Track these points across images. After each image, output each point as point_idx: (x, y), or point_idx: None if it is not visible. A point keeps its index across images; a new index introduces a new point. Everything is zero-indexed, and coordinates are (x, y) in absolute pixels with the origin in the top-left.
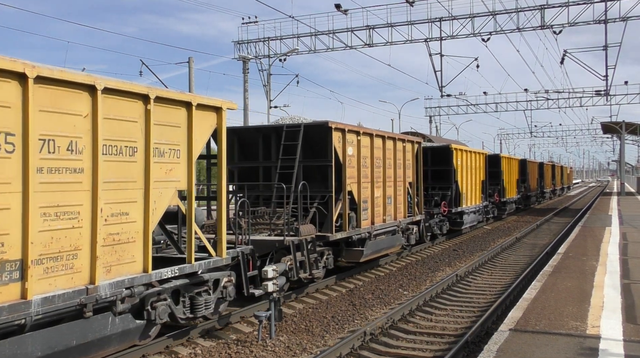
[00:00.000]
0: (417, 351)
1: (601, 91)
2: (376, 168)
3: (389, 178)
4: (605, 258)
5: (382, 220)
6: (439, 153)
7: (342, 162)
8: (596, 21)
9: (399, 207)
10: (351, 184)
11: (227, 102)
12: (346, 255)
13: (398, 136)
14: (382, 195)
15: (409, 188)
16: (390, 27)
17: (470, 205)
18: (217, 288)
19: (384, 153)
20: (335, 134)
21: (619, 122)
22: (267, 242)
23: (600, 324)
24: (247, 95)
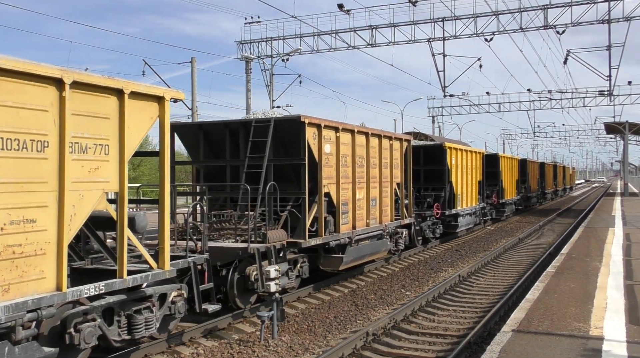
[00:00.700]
0: (419, 352)
1: (604, 91)
2: (358, 167)
3: (373, 178)
4: (609, 259)
5: (365, 224)
6: (432, 152)
7: (317, 161)
8: (599, 21)
9: (385, 209)
10: (329, 185)
11: (171, 91)
12: (324, 263)
13: (384, 133)
14: (366, 196)
15: (396, 189)
16: (392, 27)
17: (466, 207)
18: (164, 304)
19: (367, 151)
20: (309, 130)
21: (622, 122)
22: (229, 250)
23: (604, 325)
24: (249, 95)
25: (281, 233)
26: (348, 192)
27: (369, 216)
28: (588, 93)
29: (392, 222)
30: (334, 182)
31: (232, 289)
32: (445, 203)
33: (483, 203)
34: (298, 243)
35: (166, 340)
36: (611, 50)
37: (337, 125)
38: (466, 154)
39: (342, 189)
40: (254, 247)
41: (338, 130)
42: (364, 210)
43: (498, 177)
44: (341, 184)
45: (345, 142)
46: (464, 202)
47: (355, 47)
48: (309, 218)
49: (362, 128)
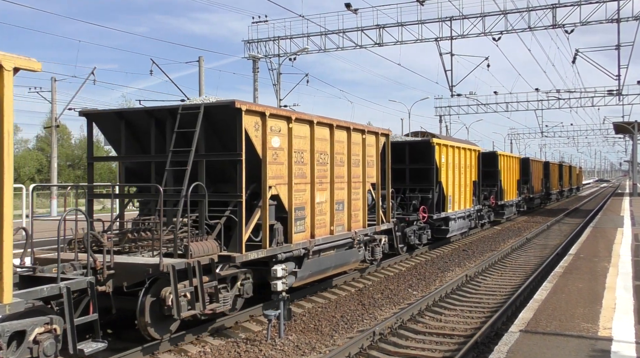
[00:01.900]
0: (426, 351)
1: (613, 91)
2: (319, 165)
3: (339, 178)
4: (617, 259)
5: (328, 231)
6: (418, 148)
7: (261, 157)
8: (609, 20)
9: (355, 214)
10: (277, 186)
11: (12, 57)
12: None
13: (354, 126)
14: (330, 199)
15: (371, 190)
16: (400, 26)
17: (458, 209)
18: (21, 346)
19: (332, 146)
20: (248, 119)
21: (631, 122)
22: (136, 267)
23: (612, 326)
24: (257, 94)
25: (210, 246)
26: (305, 195)
27: (333, 222)
28: (597, 92)
29: (365, 228)
30: (285, 183)
31: (142, 316)
32: (432, 205)
33: (479, 206)
34: (232, 257)
35: (168, 341)
36: (620, 49)
37: (288, 114)
38: (459, 151)
39: (296, 191)
40: (168, 264)
41: (290, 121)
42: (327, 215)
43: (497, 177)
44: (295, 185)
45: (301, 135)
46: (455, 204)
47: (363, 46)
48: (249, 227)
49: (325, 119)
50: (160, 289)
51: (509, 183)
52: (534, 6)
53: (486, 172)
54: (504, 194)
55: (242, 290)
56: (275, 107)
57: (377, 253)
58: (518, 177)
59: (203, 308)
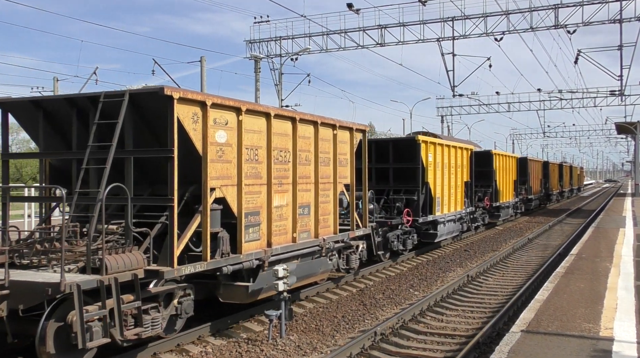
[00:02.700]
0: (427, 351)
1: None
2: (278, 164)
3: (304, 178)
4: (619, 259)
5: (290, 239)
6: (403, 146)
7: (201, 154)
8: (611, 21)
9: (325, 218)
10: (224, 188)
11: None
12: (224, 294)
13: (323, 120)
14: (291, 202)
15: (344, 192)
16: (402, 26)
17: (448, 212)
18: None
19: (295, 143)
20: (182, 109)
21: (634, 122)
22: (32, 287)
23: (614, 326)
24: (258, 94)
25: (135, 259)
26: (259, 197)
27: (296, 228)
28: (599, 93)
29: (336, 234)
30: (233, 184)
31: (43, 345)
32: (418, 208)
33: (471, 208)
34: (160, 272)
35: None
36: (622, 50)
37: (237, 104)
38: (448, 149)
39: (247, 193)
40: (71, 283)
41: (240, 112)
42: (289, 220)
43: (491, 177)
44: (246, 186)
45: (254, 129)
46: (444, 206)
47: (365, 46)
48: (185, 235)
49: (285, 111)
50: (67, 312)
51: (505, 184)
52: (536, 6)
53: (480, 172)
54: (499, 195)
55: (179, 308)
56: (220, 96)
57: (352, 262)
58: (515, 177)
59: (121, 335)
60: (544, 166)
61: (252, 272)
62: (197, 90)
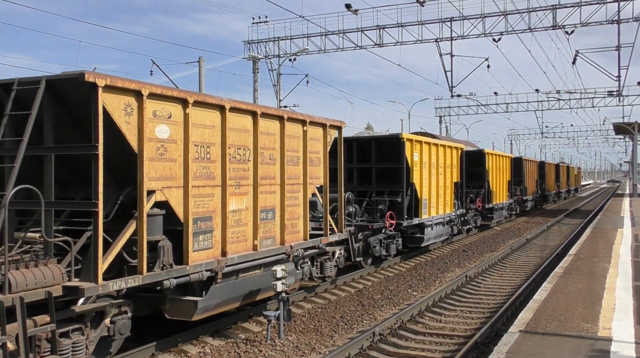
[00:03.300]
0: (426, 352)
1: (613, 92)
2: (236, 163)
3: (267, 179)
4: (617, 260)
5: (250, 246)
6: (386, 145)
7: (136, 151)
8: (609, 21)
9: (293, 223)
10: (166, 190)
11: None
12: (170, 310)
13: (290, 115)
14: (252, 206)
15: (317, 194)
16: (400, 27)
17: (436, 214)
18: None
19: (256, 140)
20: (111, 99)
21: (631, 122)
22: None
23: (612, 326)
24: (257, 95)
25: (50, 274)
26: (212, 201)
27: (257, 235)
28: (597, 93)
29: (306, 240)
30: (178, 185)
31: None
32: (403, 210)
33: (462, 210)
34: (81, 289)
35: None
36: (620, 50)
37: (183, 95)
38: (436, 148)
39: (196, 196)
40: None
41: (187, 104)
42: (249, 226)
43: (484, 177)
44: (194, 188)
45: (206, 124)
46: (432, 208)
47: (363, 47)
48: (116, 245)
49: (244, 104)
50: None
51: (498, 185)
52: (534, 7)
53: (472, 172)
54: (492, 197)
55: (113, 329)
56: (161, 85)
57: (327, 269)
58: (509, 177)
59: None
60: (539, 166)
61: (203, 285)
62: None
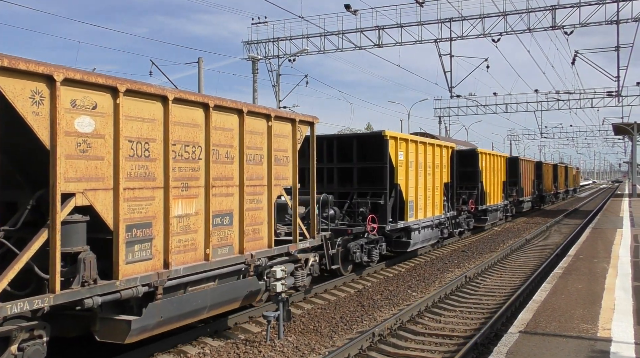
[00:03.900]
0: (425, 352)
1: (613, 92)
2: (184, 162)
3: (224, 180)
4: (617, 260)
5: (200, 256)
6: (369, 143)
7: (48, 147)
8: (608, 22)
9: (255, 229)
10: (90, 193)
11: None
12: (101, 331)
13: (251, 108)
14: (204, 210)
15: (284, 196)
16: (399, 27)
17: (424, 217)
18: None
19: (208, 136)
20: (11, 84)
21: (630, 123)
22: None
23: (612, 327)
24: (256, 96)
25: None
26: (152, 205)
27: (209, 243)
28: (596, 94)
29: (271, 248)
30: (107, 187)
31: None
32: (386, 213)
33: (452, 212)
34: None
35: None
36: (619, 51)
37: (111, 82)
38: (424, 147)
39: (130, 200)
40: None
41: (117, 93)
42: (199, 233)
43: (477, 178)
44: (128, 191)
45: (142, 117)
46: (420, 211)
47: (362, 47)
48: (22, 258)
49: (194, 95)
50: None
51: (492, 186)
52: (533, 7)
53: (465, 172)
54: (486, 198)
55: (21, 357)
56: (83, 70)
57: (299, 279)
58: (504, 178)
59: None
60: (536, 166)
61: (141, 301)
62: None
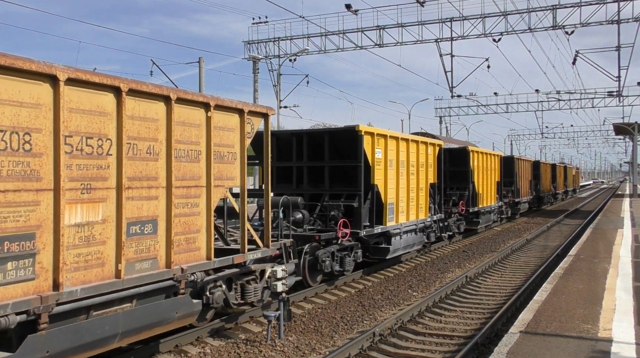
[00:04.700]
0: (426, 352)
1: (613, 92)
2: (84, 158)
3: (143, 180)
4: (617, 260)
5: (109, 273)
6: (341, 140)
7: None
8: (609, 21)
9: (188, 239)
10: None
11: None
12: None
13: (181, 95)
14: (114, 217)
15: (229, 199)
16: (400, 27)
17: (406, 221)
18: None
19: (120, 126)
20: None
21: (631, 123)
22: None
23: (612, 327)
24: (257, 96)
25: None
26: (35, 211)
27: (122, 256)
28: (597, 94)
29: (210, 260)
30: None
31: None
32: (360, 217)
33: (440, 214)
34: None
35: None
36: (620, 51)
37: None
38: (406, 144)
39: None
40: None
41: None
42: (108, 244)
43: (468, 178)
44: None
45: (19, 101)
46: (400, 214)
47: (363, 47)
48: None
49: (98, 75)
50: None
51: (485, 186)
52: (534, 7)
53: (455, 172)
54: (478, 199)
55: None
56: None
57: (250, 294)
58: (498, 178)
59: None
60: (534, 166)
61: (27, 333)
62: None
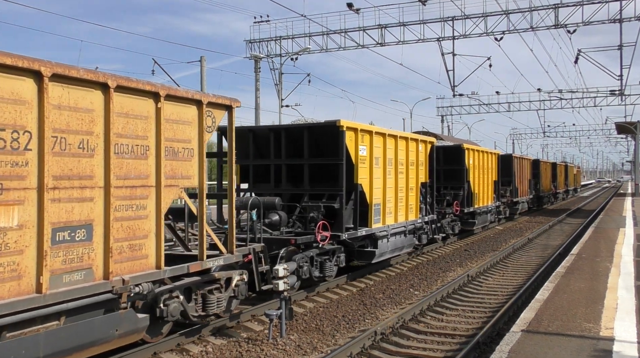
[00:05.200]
0: (427, 351)
1: (616, 91)
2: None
3: (74, 179)
4: (619, 259)
5: (28, 287)
6: (322, 136)
7: None
8: (611, 20)
9: (132, 246)
10: None
11: None
12: None
13: (123, 82)
14: (35, 221)
15: (185, 200)
16: (402, 26)
17: (395, 222)
18: None
19: (42, 117)
20: None
21: (633, 122)
22: None
23: (614, 326)
24: (258, 94)
25: None
26: None
27: (43, 268)
28: (599, 93)
29: (160, 269)
30: None
31: None
32: (343, 219)
33: (432, 215)
34: None
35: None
36: (622, 49)
37: None
38: (394, 141)
39: None
40: None
41: None
42: (26, 253)
43: (463, 177)
44: None
45: None
46: (388, 215)
47: (365, 46)
48: None
49: (10, 56)
50: None
51: (481, 186)
52: (536, 6)
53: (449, 171)
54: (474, 199)
55: None
56: None
57: (212, 305)
58: (495, 177)
59: None
60: (533, 165)
61: None
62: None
